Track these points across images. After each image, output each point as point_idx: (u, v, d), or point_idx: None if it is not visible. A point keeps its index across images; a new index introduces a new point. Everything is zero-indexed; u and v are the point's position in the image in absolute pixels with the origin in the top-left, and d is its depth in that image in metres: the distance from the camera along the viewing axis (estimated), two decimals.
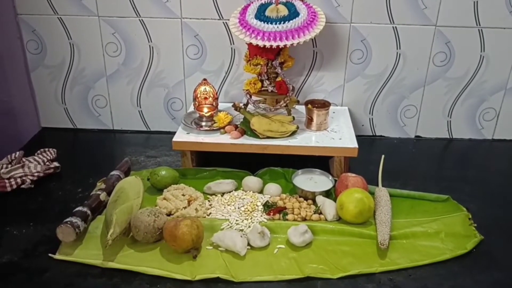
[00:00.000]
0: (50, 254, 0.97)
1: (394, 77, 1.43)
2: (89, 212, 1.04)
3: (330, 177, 1.19)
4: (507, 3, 1.33)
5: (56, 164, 1.27)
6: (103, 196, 1.11)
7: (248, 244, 1.00)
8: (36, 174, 1.22)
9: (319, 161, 1.25)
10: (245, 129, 1.26)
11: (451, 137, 1.52)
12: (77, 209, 1.04)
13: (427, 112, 1.49)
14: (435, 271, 0.95)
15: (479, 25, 1.35)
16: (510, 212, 1.15)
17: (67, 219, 0.99)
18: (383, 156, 1.21)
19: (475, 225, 1.07)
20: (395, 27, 1.36)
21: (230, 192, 1.18)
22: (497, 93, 1.45)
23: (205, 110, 1.30)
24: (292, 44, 1.20)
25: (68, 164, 1.30)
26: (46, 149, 1.31)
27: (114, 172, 1.20)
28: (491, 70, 1.42)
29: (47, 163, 1.27)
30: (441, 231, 1.04)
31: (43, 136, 1.51)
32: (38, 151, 1.30)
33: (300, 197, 1.15)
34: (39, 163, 1.25)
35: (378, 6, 1.34)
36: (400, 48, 1.39)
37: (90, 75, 1.47)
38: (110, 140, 1.51)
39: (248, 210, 1.10)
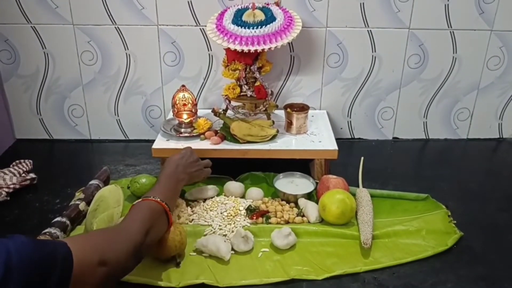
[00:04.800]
0: None
1: (371, 80, 1.46)
2: (68, 222, 1.02)
3: (311, 180, 1.20)
4: (477, 5, 1.37)
5: (32, 175, 1.24)
6: (82, 205, 1.09)
7: (232, 249, 0.99)
8: (11, 186, 1.19)
9: (299, 165, 1.26)
10: (225, 134, 1.26)
11: (427, 137, 1.55)
12: (55, 219, 1.02)
13: (404, 114, 1.51)
14: (418, 268, 0.96)
15: (451, 27, 1.39)
16: (487, 208, 1.17)
17: (46, 230, 0.97)
18: (362, 158, 1.22)
19: (455, 221, 1.09)
20: (370, 30, 1.39)
21: (212, 198, 1.17)
22: (470, 93, 1.49)
23: (185, 116, 1.29)
24: (269, 48, 1.21)
25: (45, 175, 1.27)
26: (22, 160, 1.28)
27: (93, 182, 1.18)
28: (463, 71, 1.45)
29: (23, 174, 1.24)
30: (422, 229, 1.06)
31: (18, 148, 1.48)
32: (13, 163, 1.27)
33: (282, 200, 1.15)
34: (14, 175, 1.22)
35: (353, 10, 1.36)
36: (375, 51, 1.42)
37: (66, 85, 1.44)
38: (88, 150, 1.48)
39: (231, 215, 1.09)
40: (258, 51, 1.21)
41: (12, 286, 0.59)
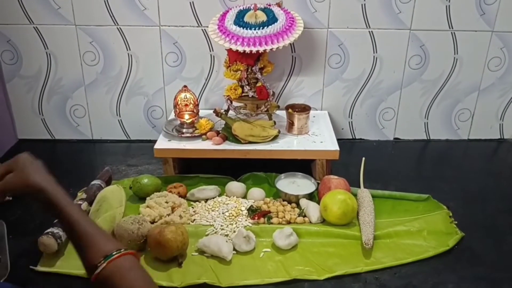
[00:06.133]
0: (31, 267, 0.95)
1: (372, 80, 1.46)
2: None
3: (313, 180, 1.20)
4: (477, 7, 1.37)
5: None
6: (84, 206, 1.09)
7: (234, 249, 0.99)
8: None
9: (301, 165, 1.26)
10: (227, 134, 1.26)
11: (428, 138, 1.55)
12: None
13: (405, 114, 1.51)
14: (419, 268, 0.97)
15: (452, 28, 1.39)
16: (488, 209, 1.18)
17: (48, 230, 0.97)
18: (363, 158, 1.22)
19: (456, 222, 1.09)
20: (371, 31, 1.39)
21: (213, 198, 1.17)
22: (471, 94, 1.49)
23: (186, 116, 1.30)
24: (271, 49, 1.21)
25: None
26: None
27: (95, 182, 1.18)
28: (464, 72, 1.45)
29: None
30: (424, 229, 1.06)
31: (20, 148, 1.48)
32: None
33: (284, 200, 1.15)
34: None
35: (354, 11, 1.37)
36: (376, 52, 1.42)
37: (68, 85, 1.45)
38: (90, 150, 1.49)
39: (233, 215, 1.09)
40: (260, 52, 1.22)
41: None
